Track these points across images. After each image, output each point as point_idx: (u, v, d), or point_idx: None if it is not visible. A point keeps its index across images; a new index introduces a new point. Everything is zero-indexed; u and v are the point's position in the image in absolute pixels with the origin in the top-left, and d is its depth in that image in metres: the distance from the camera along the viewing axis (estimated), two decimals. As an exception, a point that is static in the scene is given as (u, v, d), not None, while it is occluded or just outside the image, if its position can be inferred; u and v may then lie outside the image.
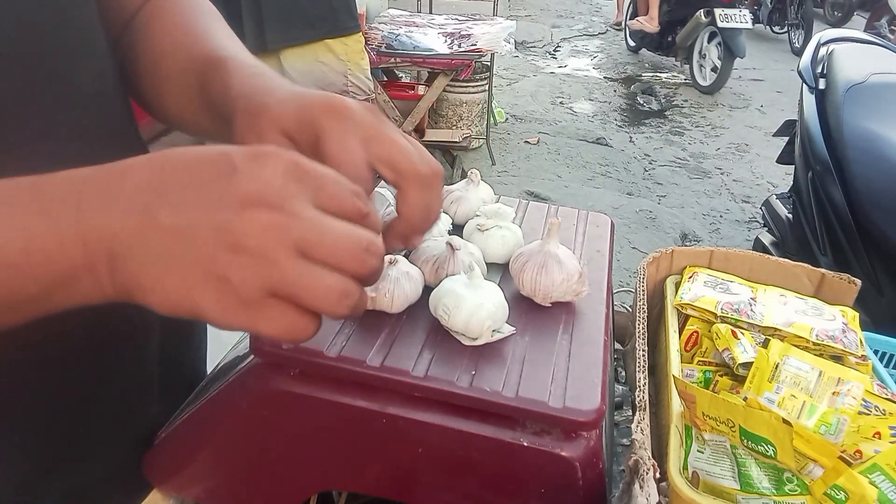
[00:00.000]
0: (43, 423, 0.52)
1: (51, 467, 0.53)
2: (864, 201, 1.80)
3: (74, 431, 0.54)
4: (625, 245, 3.17)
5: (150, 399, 0.61)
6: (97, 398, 0.55)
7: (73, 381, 0.53)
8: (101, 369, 0.55)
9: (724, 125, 4.85)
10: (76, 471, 0.55)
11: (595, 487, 0.48)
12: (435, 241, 0.60)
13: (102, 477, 0.56)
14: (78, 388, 0.53)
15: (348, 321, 0.53)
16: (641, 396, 0.58)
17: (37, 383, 0.50)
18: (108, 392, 0.56)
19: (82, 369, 0.53)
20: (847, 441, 0.57)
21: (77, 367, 0.53)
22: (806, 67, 2.23)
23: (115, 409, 0.57)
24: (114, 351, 0.56)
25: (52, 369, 0.51)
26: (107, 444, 0.57)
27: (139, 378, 0.60)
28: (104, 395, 0.56)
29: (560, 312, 0.57)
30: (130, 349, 0.58)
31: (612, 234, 0.72)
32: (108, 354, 0.55)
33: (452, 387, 0.48)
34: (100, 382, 0.55)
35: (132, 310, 0.52)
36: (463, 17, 3.79)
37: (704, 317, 0.74)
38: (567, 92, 5.37)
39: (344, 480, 0.54)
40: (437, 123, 3.84)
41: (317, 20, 2.28)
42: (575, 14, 8.02)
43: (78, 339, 0.51)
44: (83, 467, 0.55)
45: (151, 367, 0.61)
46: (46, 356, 0.49)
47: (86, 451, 0.55)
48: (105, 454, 0.57)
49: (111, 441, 0.57)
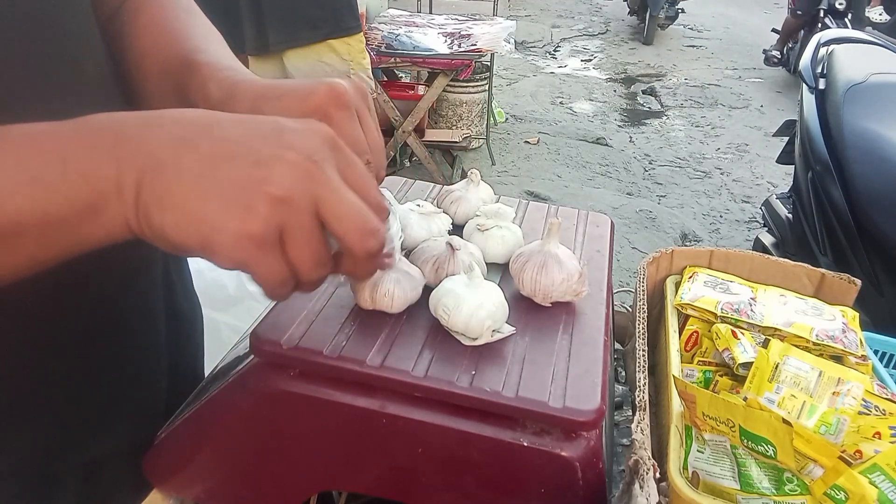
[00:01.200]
0: (62, 399, 0.53)
1: (70, 442, 0.54)
2: (864, 201, 1.80)
3: (93, 406, 0.55)
4: (625, 245, 3.17)
5: (161, 374, 0.63)
6: (113, 373, 0.56)
7: (90, 358, 0.54)
8: (116, 345, 0.56)
9: (724, 125, 4.84)
10: (94, 445, 0.56)
11: (595, 487, 0.48)
12: (435, 241, 0.60)
13: (118, 451, 0.57)
14: (95, 365, 0.54)
15: (348, 321, 0.53)
16: (641, 396, 0.58)
17: (56, 360, 0.51)
18: (123, 367, 0.57)
19: (99, 345, 0.54)
20: (847, 441, 0.57)
21: (94, 343, 0.54)
22: (806, 67, 2.23)
23: (129, 383, 0.58)
24: (128, 326, 0.57)
25: (71, 346, 0.52)
26: (122, 418, 0.58)
27: (151, 353, 0.61)
28: (119, 370, 0.57)
29: (560, 312, 0.57)
30: (143, 326, 0.60)
31: (612, 234, 0.72)
32: (122, 330, 0.57)
33: (452, 387, 0.48)
34: (115, 358, 0.56)
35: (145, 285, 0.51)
36: (463, 17, 3.78)
37: (704, 317, 0.74)
38: (567, 92, 5.36)
39: (344, 480, 0.54)
40: (437, 123, 3.84)
41: (319, 21, 2.28)
42: (575, 14, 8.02)
43: (95, 316, 0.52)
44: (100, 441, 0.56)
45: (161, 343, 0.63)
46: (63, 333, 0.51)
47: (103, 425, 0.56)
48: (120, 428, 0.58)
49: (126, 415, 0.58)
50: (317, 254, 0.38)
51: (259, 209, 0.35)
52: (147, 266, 0.60)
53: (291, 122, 0.38)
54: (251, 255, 0.36)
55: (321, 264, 0.38)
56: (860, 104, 1.96)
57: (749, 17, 8.16)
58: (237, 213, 0.35)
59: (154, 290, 0.62)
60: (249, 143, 0.36)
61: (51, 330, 0.50)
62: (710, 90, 5.53)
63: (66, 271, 0.39)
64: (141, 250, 0.43)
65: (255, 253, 0.36)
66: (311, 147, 0.37)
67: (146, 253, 0.57)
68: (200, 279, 1.54)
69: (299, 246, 0.37)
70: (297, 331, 0.51)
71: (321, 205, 0.37)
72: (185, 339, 0.71)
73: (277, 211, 0.35)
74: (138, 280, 0.59)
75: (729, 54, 6.48)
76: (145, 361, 0.61)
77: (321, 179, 0.36)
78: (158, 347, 0.63)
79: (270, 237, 0.36)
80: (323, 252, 0.38)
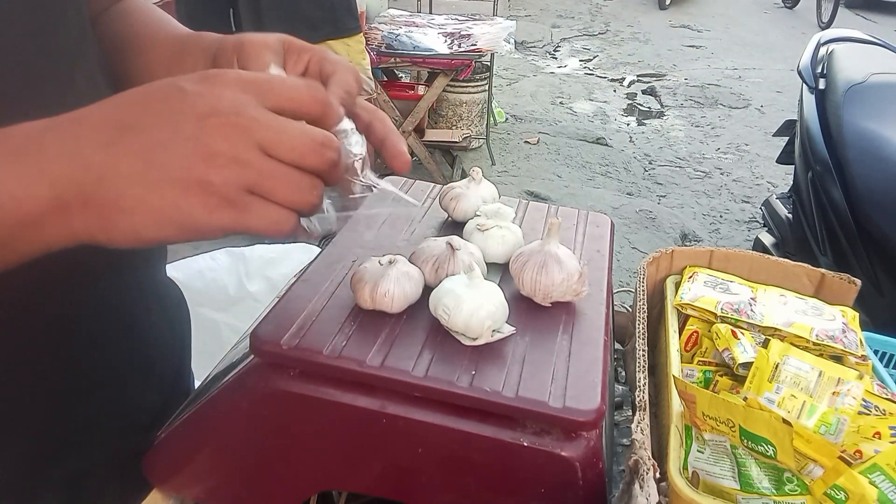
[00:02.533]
0: (44, 412, 0.52)
1: (51, 455, 0.54)
2: (864, 201, 1.80)
3: (74, 419, 0.55)
4: (625, 245, 3.17)
5: (146, 386, 0.62)
6: (95, 385, 0.56)
7: (72, 369, 0.53)
8: (98, 357, 0.56)
9: (724, 125, 4.84)
10: (76, 458, 0.55)
11: (595, 487, 0.48)
12: (435, 241, 0.60)
13: (100, 465, 0.57)
14: (77, 376, 0.54)
15: (349, 321, 0.53)
16: (641, 396, 0.58)
17: (38, 372, 0.51)
18: (106, 379, 0.57)
19: (81, 356, 0.54)
20: (847, 441, 0.57)
21: (76, 355, 0.54)
22: (806, 67, 2.23)
23: (112, 396, 0.58)
24: (111, 338, 0.57)
25: (53, 358, 0.51)
26: (105, 431, 0.58)
27: (135, 365, 0.61)
28: (102, 382, 0.57)
29: (560, 312, 0.57)
30: (126, 336, 0.59)
31: (612, 234, 0.72)
32: (105, 342, 0.56)
33: (452, 387, 0.48)
34: (98, 370, 0.56)
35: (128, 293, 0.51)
36: (463, 17, 3.78)
37: (704, 317, 0.74)
38: (567, 92, 5.36)
39: (344, 480, 0.54)
40: (437, 123, 3.84)
41: (318, 21, 2.28)
42: (575, 14, 8.02)
43: (76, 327, 0.52)
44: (82, 455, 0.56)
45: (144, 354, 0.62)
46: (46, 344, 0.50)
47: (85, 438, 0.56)
48: (103, 441, 0.57)
49: (109, 428, 0.58)
50: (295, 185, 0.38)
51: (213, 178, 0.36)
52: (119, 274, 0.59)
53: (191, 83, 0.37)
54: (234, 217, 0.37)
55: (305, 189, 0.39)
56: (860, 104, 1.96)
57: (749, 17, 8.17)
58: (195, 190, 0.36)
59: (136, 299, 0.62)
60: (167, 123, 0.36)
61: (34, 342, 0.49)
62: (710, 90, 5.53)
63: (44, 284, 0.39)
64: (109, 258, 0.43)
65: (237, 214, 0.37)
66: (223, 100, 0.37)
67: (114, 261, 0.56)
68: (200, 279, 1.55)
69: (275, 189, 0.37)
70: (297, 331, 0.51)
71: (265, 146, 0.37)
72: (172, 345, 0.70)
73: (230, 171, 0.36)
74: (118, 289, 0.59)
75: (729, 54, 6.48)
76: (130, 372, 0.60)
77: (248, 125, 0.37)
78: (143, 357, 0.62)
79: (236, 195, 0.37)
80: (298, 178, 0.38)
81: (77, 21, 0.51)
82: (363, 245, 0.64)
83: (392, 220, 0.69)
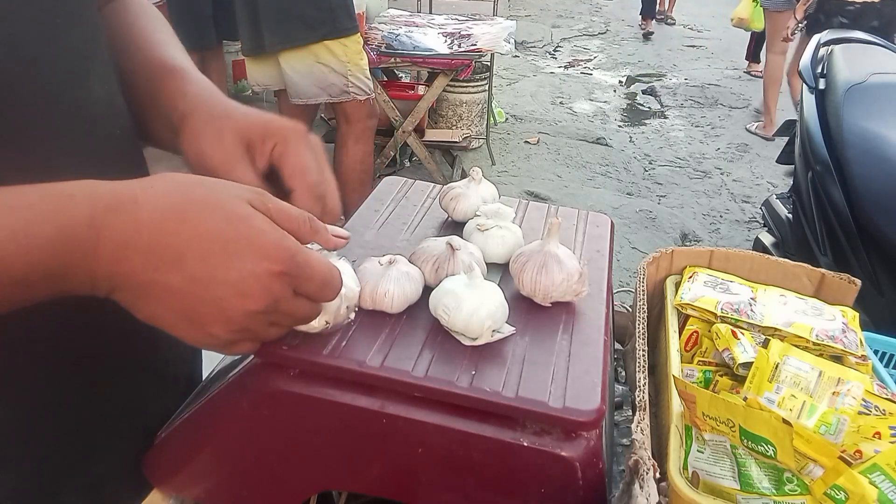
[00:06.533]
0: (63, 420, 0.53)
1: (71, 463, 0.54)
2: (864, 201, 1.80)
3: (92, 426, 0.55)
4: (625, 245, 3.17)
5: (160, 391, 0.62)
6: (113, 392, 0.56)
7: (89, 376, 0.54)
8: (114, 362, 0.56)
9: (724, 125, 4.84)
10: (94, 465, 0.56)
11: (595, 487, 0.48)
12: (435, 241, 0.60)
13: (117, 470, 0.57)
14: (95, 383, 0.54)
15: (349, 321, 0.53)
16: (641, 396, 0.58)
17: (57, 381, 0.51)
18: (122, 385, 0.57)
19: (98, 363, 0.54)
20: (847, 441, 0.57)
21: (93, 362, 0.54)
22: (806, 67, 2.23)
23: (128, 402, 0.58)
24: (126, 344, 0.57)
25: (72, 366, 0.52)
26: (122, 437, 0.58)
27: (150, 369, 0.61)
28: (118, 388, 0.57)
29: (560, 312, 0.57)
30: (140, 341, 0.59)
31: (612, 234, 0.72)
32: (120, 348, 0.56)
33: (452, 387, 0.48)
34: (114, 376, 0.56)
35: None
36: (463, 17, 3.78)
37: (704, 317, 0.73)
38: (567, 92, 5.36)
39: (344, 480, 0.54)
40: (437, 123, 3.84)
41: (315, 22, 2.28)
42: (575, 14, 8.01)
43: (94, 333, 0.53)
44: (101, 461, 0.56)
45: (158, 359, 0.62)
46: (66, 353, 0.51)
47: (103, 445, 0.56)
48: (120, 448, 0.58)
49: (125, 434, 0.58)
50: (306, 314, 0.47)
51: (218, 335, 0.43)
52: None
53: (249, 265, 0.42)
54: (249, 347, 0.47)
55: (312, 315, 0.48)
56: (860, 104, 1.96)
57: (749, 17, 8.15)
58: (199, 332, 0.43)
59: None
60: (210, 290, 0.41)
61: (54, 351, 0.50)
62: (710, 90, 5.53)
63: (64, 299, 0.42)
64: None
65: (252, 345, 0.47)
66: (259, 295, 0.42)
67: None
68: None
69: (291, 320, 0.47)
70: (297, 331, 0.51)
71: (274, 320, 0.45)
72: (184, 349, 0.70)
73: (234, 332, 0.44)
74: None
75: (729, 54, 6.47)
76: (145, 377, 0.60)
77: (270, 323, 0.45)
78: (157, 361, 0.62)
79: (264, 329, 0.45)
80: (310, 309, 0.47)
81: (91, 20, 0.51)
82: (363, 245, 0.64)
83: (392, 220, 0.69)
